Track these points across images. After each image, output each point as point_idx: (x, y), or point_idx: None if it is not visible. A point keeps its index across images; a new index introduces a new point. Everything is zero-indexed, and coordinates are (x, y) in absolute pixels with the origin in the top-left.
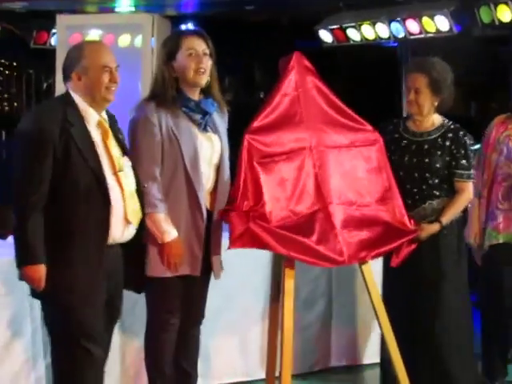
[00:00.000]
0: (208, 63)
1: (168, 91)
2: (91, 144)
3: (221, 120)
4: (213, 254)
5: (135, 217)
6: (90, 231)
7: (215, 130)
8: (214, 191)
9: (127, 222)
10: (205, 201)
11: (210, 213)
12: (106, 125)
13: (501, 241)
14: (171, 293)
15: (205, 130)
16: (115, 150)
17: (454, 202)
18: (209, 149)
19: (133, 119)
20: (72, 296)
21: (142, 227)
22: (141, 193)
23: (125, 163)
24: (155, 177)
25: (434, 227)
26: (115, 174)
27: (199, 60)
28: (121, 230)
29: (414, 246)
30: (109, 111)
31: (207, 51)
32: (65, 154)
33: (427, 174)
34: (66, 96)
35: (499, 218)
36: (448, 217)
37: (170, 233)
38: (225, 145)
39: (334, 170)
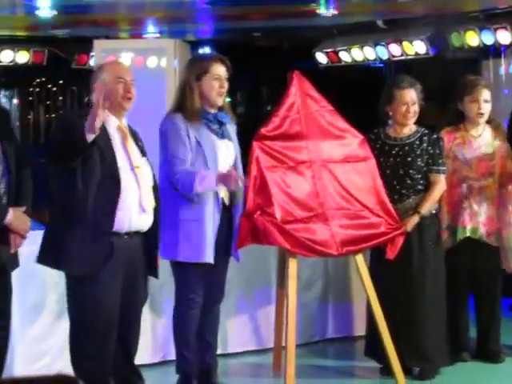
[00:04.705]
0: (227, 86)
1: (196, 106)
2: (109, 142)
3: (232, 129)
4: (234, 241)
5: (149, 205)
6: (100, 213)
7: (229, 138)
8: None
9: (142, 209)
10: (223, 195)
11: (229, 205)
12: (126, 130)
13: (468, 234)
14: (195, 276)
15: (222, 137)
16: (134, 151)
17: (430, 192)
18: (226, 152)
19: (165, 130)
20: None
21: (157, 219)
22: (156, 189)
23: (143, 162)
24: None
25: (415, 219)
26: (133, 169)
27: (222, 84)
28: (136, 217)
29: (403, 238)
30: (131, 126)
31: (227, 76)
32: None
33: (411, 171)
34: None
35: (464, 215)
36: (426, 207)
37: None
38: (237, 149)
39: (330, 181)
